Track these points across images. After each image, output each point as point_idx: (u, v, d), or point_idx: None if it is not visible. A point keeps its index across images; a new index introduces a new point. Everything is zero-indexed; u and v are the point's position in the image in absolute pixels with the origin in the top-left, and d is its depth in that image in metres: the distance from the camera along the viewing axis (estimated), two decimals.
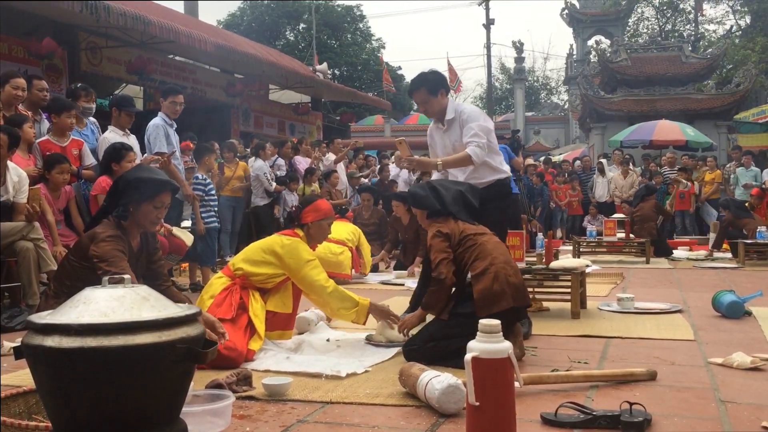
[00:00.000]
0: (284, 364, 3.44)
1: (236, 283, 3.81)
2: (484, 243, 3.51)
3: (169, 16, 11.38)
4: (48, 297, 3.61)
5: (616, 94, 21.32)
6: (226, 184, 8.65)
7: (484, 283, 3.33)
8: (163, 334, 1.59)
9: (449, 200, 3.71)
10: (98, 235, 3.38)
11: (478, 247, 3.49)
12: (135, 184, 3.42)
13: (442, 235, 3.53)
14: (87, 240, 3.44)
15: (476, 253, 3.46)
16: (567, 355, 3.62)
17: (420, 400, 2.73)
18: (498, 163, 4.40)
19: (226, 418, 2.47)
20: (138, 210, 3.43)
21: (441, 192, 3.74)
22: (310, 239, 3.99)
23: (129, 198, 3.41)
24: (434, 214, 3.73)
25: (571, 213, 13.98)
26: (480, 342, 2.24)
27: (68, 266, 3.55)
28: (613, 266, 8.35)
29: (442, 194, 3.73)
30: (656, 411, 2.56)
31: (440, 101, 4.34)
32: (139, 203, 3.42)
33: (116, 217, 3.46)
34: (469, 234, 3.56)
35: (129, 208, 3.43)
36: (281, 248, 3.80)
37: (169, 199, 3.52)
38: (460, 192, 3.77)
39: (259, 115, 15.83)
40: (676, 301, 5.39)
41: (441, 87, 4.34)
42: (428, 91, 4.31)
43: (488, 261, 3.39)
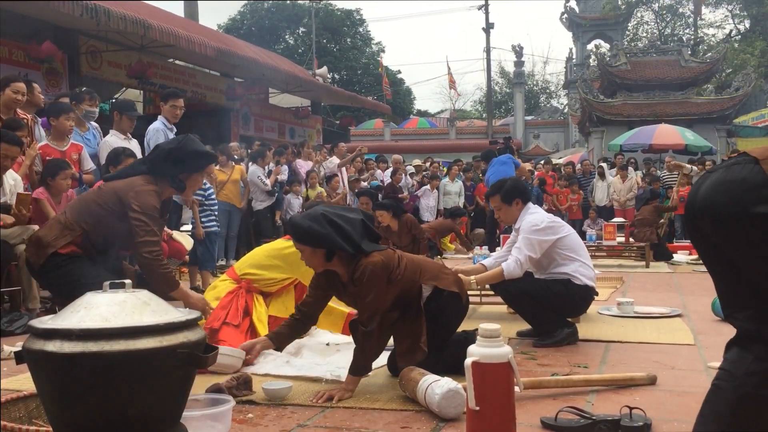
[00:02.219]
0: (284, 368, 3.44)
1: (242, 287, 3.82)
2: (411, 258, 3.19)
3: (169, 20, 11.41)
4: (61, 225, 3.57)
5: (615, 98, 21.34)
6: (221, 189, 8.63)
7: (448, 281, 3.23)
8: (164, 338, 1.60)
9: (356, 234, 2.99)
10: (139, 185, 3.45)
11: (410, 263, 3.12)
12: (194, 156, 3.57)
13: (383, 270, 2.96)
14: (124, 186, 3.46)
15: (418, 270, 3.14)
16: (567, 360, 3.62)
17: (420, 404, 2.73)
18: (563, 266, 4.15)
19: (226, 422, 2.47)
20: (189, 179, 3.60)
21: (344, 227, 2.97)
22: None
23: (186, 169, 3.53)
24: (334, 254, 3.00)
25: (572, 217, 13.98)
26: (480, 346, 2.24)
27: (93, 206, 3.53)
28: (613, 270, 8.35)
29: (346, 229, 2.97)
30: (656, 415, 2.56)
31: (513, 211, 4.30)
32: (190, 173, 3.59)
33: (162, 181, 3.56)
34: (407, 258, 3.15)
35: (184, 179, 3.56)
36: (292, 253, 3.64)
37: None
38: (360, 221, 3.06)
39: (259, 119, 15.85)
40: (676, 306, 5.39)
41: (516, 197, 4.29)
42: (502, 198, 4.30)
43: (433, 266, 3.30)
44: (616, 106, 20.95)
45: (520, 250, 4.09)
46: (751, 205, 1.61)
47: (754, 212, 1.61)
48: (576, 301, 4.18)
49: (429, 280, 3.18)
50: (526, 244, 4.09)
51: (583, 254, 4.23)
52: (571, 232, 4.27)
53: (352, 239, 2.96)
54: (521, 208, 4.29)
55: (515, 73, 36.34)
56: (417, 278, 3.15)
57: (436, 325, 3.18)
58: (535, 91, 46.77)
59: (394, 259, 3.05)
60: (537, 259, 4.14)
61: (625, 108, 20.79)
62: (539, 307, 4.02)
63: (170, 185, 3.60)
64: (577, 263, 4.14)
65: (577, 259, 4.15)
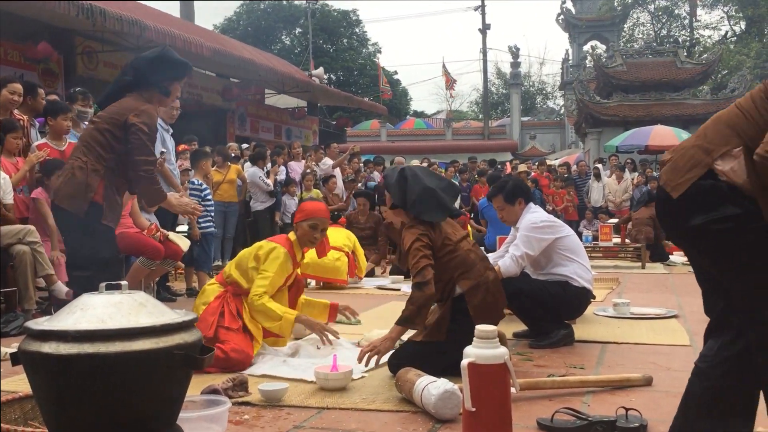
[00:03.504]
0: (281, 369, 3.44)
1: (228, 291, 3.78)
2: (468, 252, 3.33)
3: (165, 21, 11.41)
4: (86, 171, 3.55)
5: (611, 99, 21.38)
6: (216, 189, 8.61)
7: (479, 297, 3.26)
8: (161, 340, 1.59)
9: (412, 197, 3.36)
10: (137, 105, 3.59)
11: (461, 257, 3.30)
12: (176, 63, 3.73)
13: (425, 238, 3.26)
14: (121, 109, 3.59)
15: (463, 265, 3.29)
16: (563, 361, 3.63)
17: (416, 405, 2.73)
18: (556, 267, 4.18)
19: (222, 423, 2.47)
20: (171, 87, 3.77)
21: (408, 183, 3.39)
22: (300, 242, 3.86)
23: (166, 76, 3.70)
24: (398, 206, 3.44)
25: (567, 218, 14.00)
26: (476, 348, 2.25)
27: (101, 138, 3.59)
28: (609, 271, 8.36)
29: (408, 187, 3.38)
30: (652, 416, 2.57)
31: (516, 210, 4.31)
32: (172, 82, 3.76)
33: (150, 92, 3.69)
34: (451, 242, 3.32)
35: (168, 86, 3.73)
36: (262, 252, 3.72)
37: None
38: (430, 189, 3.38)
39: (255, 120, 15.85)
40: (672, 306, 5.40)
41: (519, 196, 4.31)
42: (505, 198, 4.31)
43: (476, 273, 3.30)
44: (612, 107, 20.99)
45: (518, 247, 4.10)
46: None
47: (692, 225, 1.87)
48: (573, 303, 4.19)
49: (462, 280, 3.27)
50: (524, 242, 4.10)
51: (582, 256, 4.24)
52: (570, 234, 4.28)
53: (406, 198, 3.36)
54: (524, 207, 4.30)
55: (512, 74, 36.37)
56: (454, 275, 3.28)
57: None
58: (532, 92, 46.83)
59: (431, 236, 3.28)
60: (535, 258, 4.15)
61: (621, 109, 20.84)
62: (536, 308, 4.02)
63: (157, 92, 3.73)
64: (576, 265, 4.15)
65: (575, 260, 4.16)
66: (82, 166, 3.56)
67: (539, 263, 4.21)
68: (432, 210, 3.36)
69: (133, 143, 3.55)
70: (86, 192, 3.53)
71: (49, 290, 5.23)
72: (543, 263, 4.21)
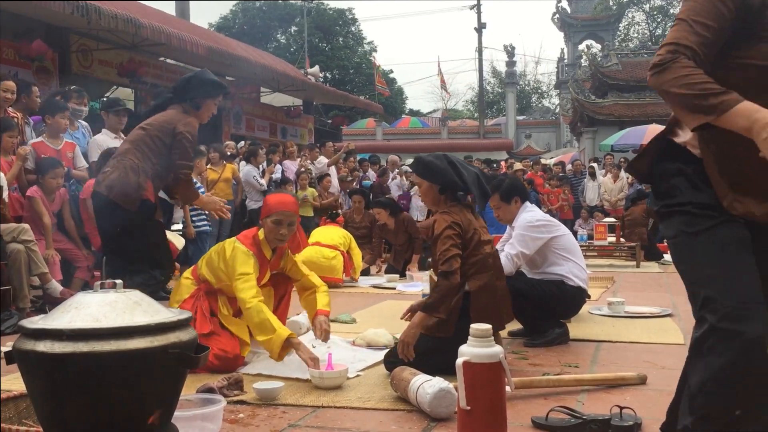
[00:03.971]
0: (276, 368, 3.43)
1: (201, 288, 3.66)
2: (487, 256, 3.33)
3: (160, 19, 11.38)
4: (138, 171, 4.00)
5: (606, 98, 21.43)
6: (212, 188, 8.59)
7: (484, 300, 3.26)
8: (155, 339, 1.59)
9: (469, 180, 3.36)
10: (183, 117, 4.15)
11: (480, 259, 3.30)
12: (209, 83, 4.24)
13: (457, 227, 3.23)
14: (170, 118, 4.13)
15: (478, 266, 3.29)
16: (558, 359, 3.64)
17: (411, 404, 2.74)
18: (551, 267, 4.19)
19: (217, 422, 2.47)
20: (204, 104, 4.23)
21: (460, 168, 3.38)
22: (267, 240, 3.59)
23: (199, 93, 4.19)
24: (447, 190, 3.40)
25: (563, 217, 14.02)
26: (471, 346, 2.25)
27: (151, 143, 4.09)
28: (604, 270, 8.37)
29: (461, 171, 3.36)
30: (646, 415, 2.57)
31: (512, 209, 4.31)
32: (205, 99, 4.21)
33: (187, 106, 4.21)
34: (479, 239, 3.31)
35: (200, 102, 4.21)
36: (227, 254, 3.50)
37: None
38: (476, 175, 3.43)
39: (251, 118, 15.82)
40: (666, 305, 5.41)
41: (515, 195, 4.31)
42: (501, 197, 4.31)
43: (487, 277, 3.30)
44: (607, 107, 21.03)
45: (513, 245, 4.11)
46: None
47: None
48: (568, 303, 4.20)
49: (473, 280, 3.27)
50: (520, 241, 4.10)
51: (578, 256, 4.25)
52: (566, 233, 4.28)
53: (464, 180, 3.33)
54: (520, 206, 4.30)
55: (507, 73, 36.39)
56: (469, 272, 3.26)
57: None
58: (527, 91, 46.87)
59: (468, 232, 3.27)
60: (531, 257, 4.15)
61: (616, 108, 20.87)
62: (531, 307, 4.03)
63: (191, 107, 4.22)
64: (571, 264, 4.16)
65: (571, 259, 4.17)
66: (134, 166, 4.02)
67: (535, 262, 4.22)
68: (479, 195, 3.42)
69: (179, 149, 4.11)
70: (138, 190, 3.99)
71: (44, 289, 5.22)
72: (539, 262, 4.21)
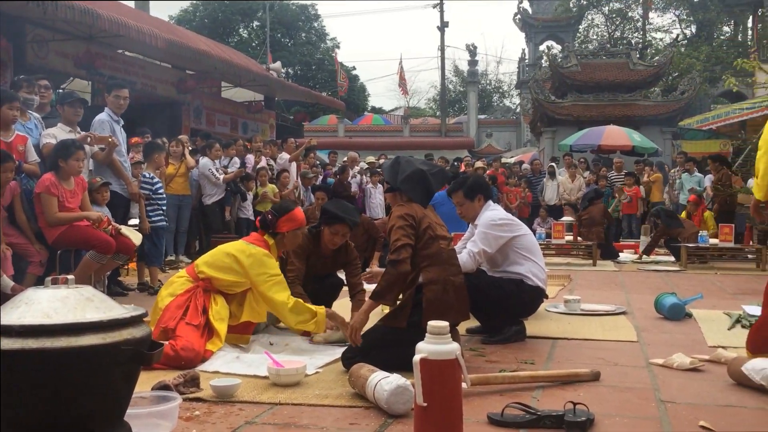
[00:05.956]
0: (234, 365, 3.41)
1: (199, 286, 3.78)
2: (441, 251, 3.39)
3: (118, 11, 11.16)
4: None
5: (566, 98, 21.66)
6: (170, 182, 8.48)
7: (435, 292, 3.30)
8: (108, 335, 1.57)
9: (402, 177, 3.52)
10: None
11: (434, 252, 3.36)
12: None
13: (409, 218, 3.34)
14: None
15: (431, 259, 3.35)
16: (514, 356, 3.68)
17: (369, 401, 2.74)
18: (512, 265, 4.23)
19: (172, 419, 2.44)
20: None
21: (401, 167, 3.57)
22: (281, 246, 3.98)
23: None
24: (392, 189, 3.63)
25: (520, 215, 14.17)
26: (428, 343, 2.26)
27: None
28: (561, 268, 8.50)
29: (400, 169, 3.56)
30: (599, 411, 2.62)
31: (475, 207, 4.34)
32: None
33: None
34: (432, 233, 3.39)
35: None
36: (247, 258, 3.75)
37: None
38: (421, 171, 3.54)
39: (211, 113, 15.65)
40: (621, 303, 5.52)
41: (479, 193, 4.34)
42: (465, 194, 4.34)
43: (441, 270, 3.34)
44: (567, 107, 21.27)
45: (476, 243, 4.14)
46: None
47: None
48: (526, 302, 4.25)
49: (426, 272, 3.32)
50: (482, 239, 4.14)
51: (538, 256, 4.30)
52: (528, 233, 4.33)
53: (399, 179, 3.52)
54: (483, 204, 4.34)
55: (469, 72, 36.61)
56: (422, 264, 3.33)
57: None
58: (489, 90, 47.20)
59: (416, 219, 3.36)
60: (492, 255, 4.19)
61: (575, 109, 21.11)
62: (490, 305, 4.06)
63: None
64: (531, 263, 4.20)
65: (531, 259, 4.22)
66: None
67: (495, 261, 4.26)
68: (418, 191, 3.50)
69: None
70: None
71: None
72: (499, 261, 4.25)
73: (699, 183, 12.81)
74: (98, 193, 5.97)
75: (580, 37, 33.60)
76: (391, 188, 3.64)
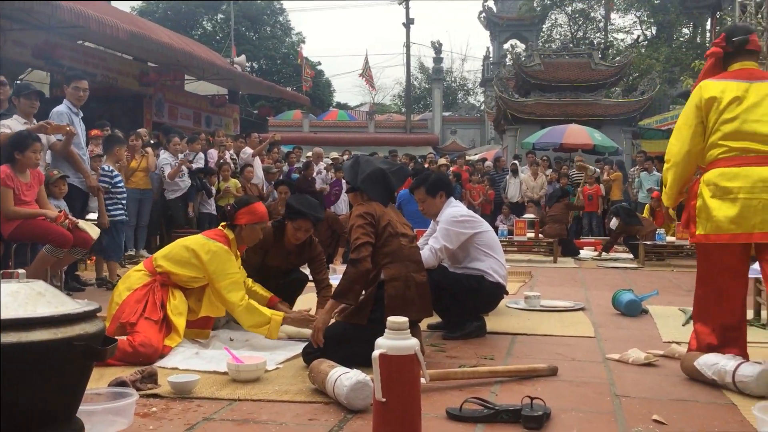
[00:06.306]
0: (193, 361, 3.38)
1: (156, 280, 3.74)
2: (402, 247, 3.40)
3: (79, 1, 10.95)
4: None
5: (529, 97, 21.87)
6: (131, 176, 8.35)
7: (397, 289, 3.30)
8: (59, 331, 1.54)
9: (362, 177, 3.54)
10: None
11: (394, 250, 3.36)
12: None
13: (368, 216, 3.36)
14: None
15: (392, 256, 3.35)
16: (474, 352, 3.71)
17: (329, 396, 2.74)
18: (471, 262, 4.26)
19: (128, 416, 2.41)
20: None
21: (361, 166, 3.60)
22: (240, 241, 3.94)
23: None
24: (353, 189, 3.65)
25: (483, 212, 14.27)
26: (388, 339, 2.27)
27: None
28: (523, 265, 8.59)
29: (360, 169, 3.58)
30: (556, 405, 2.66)
31: (437, 203, 4.36)
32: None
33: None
34: (393, 230, 3.39)
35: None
36: (206, 254, 3.72)
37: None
38: (380, 170, 3.56)
39: (174, 106, 15.45)
40: (580, 300, 5.60)
41: (440, 189, 4.37)
42: (427, 191, 4.36)
43: (402, 267, 3.35)
44: (530, 105, 21.47)
45: (437, 240, 4.17)
46: None
47: None
48: (487, 298, 4.29)
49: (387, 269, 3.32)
50: (444, 235, 4.17)
51: (499, 252, 4.34)
52: (489, 230, 4.37)
53: (357, 179, 3.53)
54: (444, 201, 4.36)
55: (434, 69, 36.69)
56: (383, 261, 3.33)
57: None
58: (453, 87, 47.37)
59: (380, 223, 3.36)
60: (453, 252, 4.22)
61: (538, 107, 21.33)
62: (451, 301, 4.09)
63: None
64: (492, 260, 4.24)
65: (492, 256, 4.26)
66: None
67: (457, 257, 4.29)
68: (379, 189, 3.52)
69: None
70: None
71: None
72: (460, 257, 4.28)
73: (657, 182, 13.04)
74: (55, 186, 5.86)
75: (544, 36, 33.94)
76: (352, 188, 3.65)
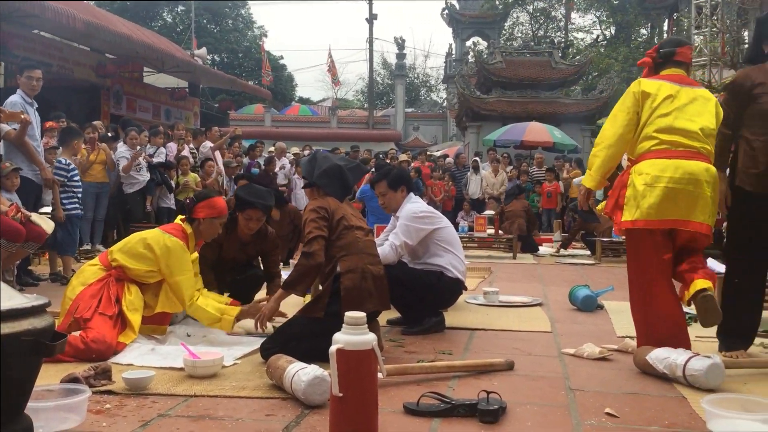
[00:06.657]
0: (149, 357, 3.34)
1: (111, 275, 3.69)
2: (358, 239, 3.41)
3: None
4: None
5: (491, 94, 22.02)
6: (88, 169, 8.19)
7: (353, 281, 3.31)
8: (7, 325, 1.51)
9: (319, 172, 3.58)
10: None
11: (349, 242, 3.38)
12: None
13: (321, 210, 3.40)
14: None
15: (348, 248, 3.37)
16: (433, 347, 3.73)
17: (287, 392, 2.73)
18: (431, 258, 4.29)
19: (80, 413, 2.37)
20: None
21: (318, 162, 3.65)
22: (198, 235, 3.91)
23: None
24: (309, 184, 3.67)
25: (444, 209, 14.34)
26: (345, 334, 2.27)
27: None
28: (483, 261, 8.66)
29: (317, 164, 3.63)
30: (512, 399, 2.69)
31: (398, 197, 4.39)
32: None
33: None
34: (347, 224, 3.41)
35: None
36: (160, 249, 3.69)
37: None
38: (337, 167, 3.61)
39: (132, 99, 15.20)
40: (538, 295, 5.67)
41: (402, 184, 4.40)
42: (388, 184, 4.38)
43: (357, 260, 3.36)
44: (491, 103, 21.62)
45: (397, 236, 4.19)
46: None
47: None
48: (446, 294, 4.32)
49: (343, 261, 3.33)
50: (404, 231, 4.18)
51: (458, 248, 4.37)
52: (448, 226, 4.41)
53: (314, 175, 3.58)
54: (405, 196, 4.39)
55: (397, 65, 36.72)
56: (338, 254, 3.35)
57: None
58: (416, 83, 47.47)
59: (334, 217, 3.40)
60: (413, 247, 4.24)
61: (500, 105, 21.49)
62: (410, 297, 4.11)
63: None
64: (451, 256, 4.28)
65: (451, 251, 4.29)
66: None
67: (416, 253, 4.31)
68: (335, 185, 3.57)
69: None
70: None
71: None
72: (420, 253, 4.31)
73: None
74: (7, 178, 5.72)
75: (506, 34, 34.23)
76: (309, 183, 3.67)
